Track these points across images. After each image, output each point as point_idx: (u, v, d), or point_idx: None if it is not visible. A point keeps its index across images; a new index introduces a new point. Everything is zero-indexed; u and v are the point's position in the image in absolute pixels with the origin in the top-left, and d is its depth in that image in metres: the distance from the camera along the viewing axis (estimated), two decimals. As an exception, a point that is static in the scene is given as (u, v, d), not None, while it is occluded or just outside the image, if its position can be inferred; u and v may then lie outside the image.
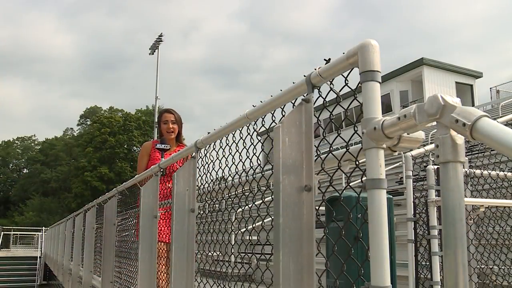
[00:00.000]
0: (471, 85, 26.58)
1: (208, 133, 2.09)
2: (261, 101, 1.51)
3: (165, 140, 3.75)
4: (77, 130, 59.23)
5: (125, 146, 48.61)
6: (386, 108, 25.85)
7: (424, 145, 3.97)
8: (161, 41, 26.60)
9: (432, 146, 3.80)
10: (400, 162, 9.52)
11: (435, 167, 3.57)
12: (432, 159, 4.78)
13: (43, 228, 26.06)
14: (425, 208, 3.76)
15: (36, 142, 62.30)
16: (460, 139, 0.85)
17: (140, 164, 3.98)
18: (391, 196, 3.39)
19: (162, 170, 2.87)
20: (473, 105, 24.60)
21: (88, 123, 55.46)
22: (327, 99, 1.23)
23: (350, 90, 1.12)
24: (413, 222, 3.87)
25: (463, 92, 25.95)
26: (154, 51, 27.17)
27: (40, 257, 22.27)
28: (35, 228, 31.20)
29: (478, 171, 3.89)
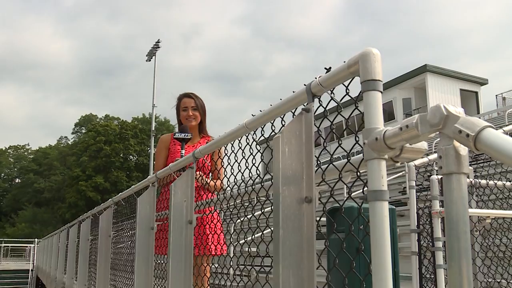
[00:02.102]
0: (476, 92, 26.66)
1: (207, 142, 2.10)
2: (260, 110, 1.52)
3: (186, 128, 3.18)
4: (71, 139, 59.31)
5: (121, 155, 48.62)
6: (389, 116, 25.92)
7: (428, 155, 3.98)
8: (159, 47, 26.73)
9: (436, 155, 3.80)
10: (403, 172, 9.52)
11: (439, 177, 3.58)
12: (436, 168, 4.78)
13: (36, 239, 25.98)
14: (429, 219, 3.76)
15: (29, 151, 62.28)
16: (463, 150, 0.85)
17: (158, 160, 3.52)
18: (394, 207, 3.38)
19: (160, 179, 2.71)
20: (478, 113, 24.68)
21: (83, 131, 55.51)
22: (328, 107, 1.24)
23: (351, 98, 1.13)
24: (416, 234, 3.86)
25: (468, 99, 26.03)
26: (151, 58, 27.30)
27: (32, 270, 22.17)
28: (27, 240, 31.09)
29: (483, 181, 3.89)
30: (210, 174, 3.27)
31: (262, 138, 1.63)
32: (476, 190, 4.08)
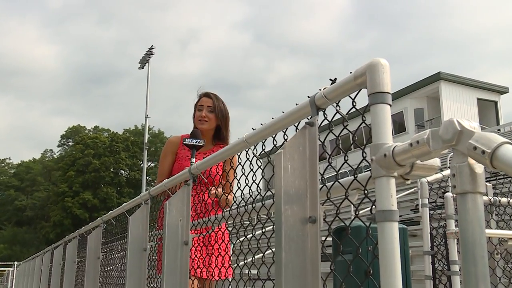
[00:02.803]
0: (495, 102, 26.71)
1: (198, 159, 2.11)
2: (261, 124, 1.54)
3: (198, 133, 2.98)
4: (57, 152, 59.27)
5: (111, 170, 48.59)
6: (399, 127, 25.97)
7: (442, 170, 3.99)
8: (152, 54, 26.91)
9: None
10: (415, 188, 9.52)
11: (455, 194, 3.57)
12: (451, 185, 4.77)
13: (15, 262, 25.82)
14: (444, 240, 3.75)
15: (10, 165, 62.21)
16: (479, 168, 0.86)
17: (163, 166, 3.29)
18: (405, 226, 3.39)
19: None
20: (498, 124, 24.67)
21: (70, 144, 55.54)
22: (333, 118, 1.25)
23: (360, 108, 1.15)
24: (430, 256, 3.85)
25: (486, 109, 26.07)
26: (144, 65, 27.46)
27: (10, 296, 21.98)
28: (5, 263, 30.87)
29: (504, 199, 3.87)
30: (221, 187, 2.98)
31: (263, 152, 1.64)
32: (496, 209, 4.07)
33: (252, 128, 1.60)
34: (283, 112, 1.41)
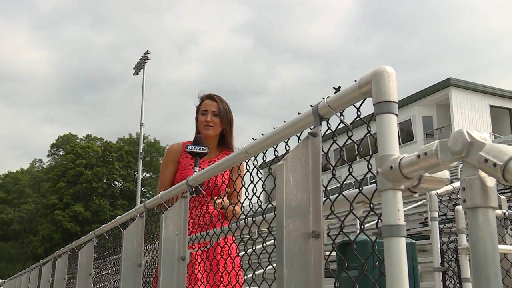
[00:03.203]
0: (510, 109, 26.68)
1: (202, 168, 2.12)
2: (262, 134, 1.55)
3: (201, 140, 2.87)
4: (47, 162, 59.15)
5: (104, 181, 48.56)
6: (407, 136, 25.98)
7: (452, 182, 3.99)
8: (147, 59, 27.00)
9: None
10: (424, 200, 9.51)
11: (465, 209, 3.56)
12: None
13: (0, 280, 25.66)
14: (455, 256, 3.74)
15: (-4, 176, 62.03)
16: (490, 181, 0.86)
17: (164, 176, 3.20)
18: (414, 241, 3.39)
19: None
20: (512, 133, 24.64)
21: (61, 153, 55.51)
22: (337, 126, 1.26)
23: (364, 116, 1.15)
24: (441, 273, 3.84)
25: (500, 117, 26.05)
26: (139, 71, 27.55)
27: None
28: (-11, 281, 30.70)
29: (520, 213, 3.86)
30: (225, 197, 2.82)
31: (264, 162, 1.65)
32: (511, 223, 4.06)
33: (253, 138, 1.61)
34: (284, 121, 1.42)
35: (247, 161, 1.71)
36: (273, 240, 1.33)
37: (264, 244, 1.82)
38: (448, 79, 25.02)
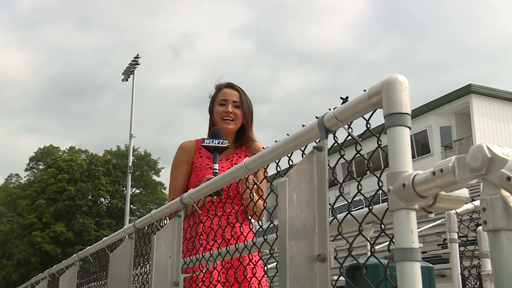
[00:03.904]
0: (538, 119, 26.62)
1: (198, 184, 2.13)
2: (263, 148, 1.56)
3: (219, 132, 2.72)
4: (25, 177, 58.90)
5: (89, 197, 48.44)
6: (423, 148, 25.96)
7: (473, 200, 3.99)
8: (138, 64, 27.11)
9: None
10: (443, 220, 9.49)
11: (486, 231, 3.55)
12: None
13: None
14: (478, 283, 3.73)
15: (-33, 193, 61.77)
16: (514, 201, 0.87)
17: (175, 180, 2.99)
18: (431, 265, 3.39)
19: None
20: (538, 145, 24.56)
21: (41, 167, 55.40)
22: (345, 137, 1.27)
23: (374, 128, 1.17)
24: (461, 300, 3.83)
25: (527, 127, 25.96)
26: (129, 77, 27.65)
27: None
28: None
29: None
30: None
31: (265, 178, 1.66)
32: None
33: (253, 152, 1.63)
34: (287, 134, 1.43)
35: (246, 177, 1.72)
36: (275, 264, 1.33)
37: (266, 268, 1.83)
38: (469, 86, 25.03)
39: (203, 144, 2.67)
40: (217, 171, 2.59)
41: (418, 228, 1.03)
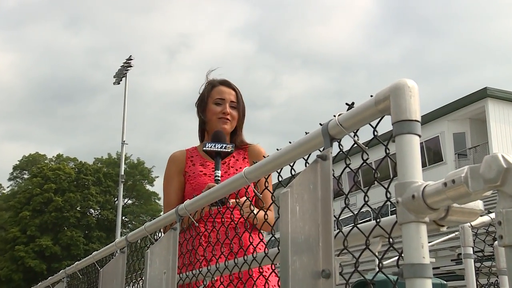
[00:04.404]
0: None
1: (194, 195, 2.13)
2: (264, 156, 1.57)
3: (222, 135, 2.75)
4: (8, 187, 58.79)
5: (78, 209, 48.36)
6: (435, 156, 25.94)
7: (490, 212, 3.99)
8: (130, 66, 27.18)
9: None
10: (457, 233, 9.46)
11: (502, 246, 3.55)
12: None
13: None
14: (496, 302, 3.71)
15: None
16: (532, 215, 0.88)
17: (168, 195, 2.99)
18: (445, 282, 3.39)
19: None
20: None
21: (25, 176, 55.32)
22: (350, 150, 1.27)
23: (382, 134, 1.17)
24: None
25: (547, 134, 25.94)
26: (121, 80, 27.72)
27: None
28: None
29: None
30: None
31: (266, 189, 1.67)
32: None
33: (253, 161, 1.63)
34: (290, 142, 1.44)
35: (246, 187, 1.72)
36: (276, 280, 1.34)
37: (267, 285, 1.83)
38: (484, 89, 25.02)
39: (204, 148, 2.67)
40: (219, 178, 2.59)
41: (430, 242, 1.03)
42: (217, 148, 2.61)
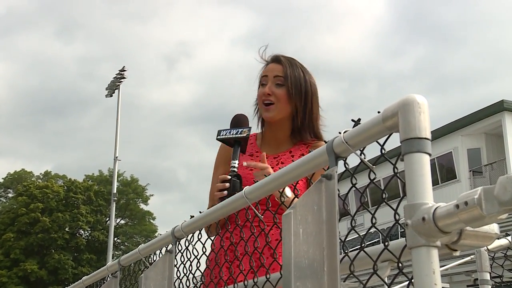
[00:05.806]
0: None
1: (192, 217, 2.13)
2: (265, 175, 1.58)
3: (240, 119, 2.54)
4: (-10, 207, 58.69)
5: (66, 229, 48.22)
6: (447, 173, 25.89)
7: (507, 234, 3.97)
8: (124, 77, 27.25)
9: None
10: (472, 256, 9.42)
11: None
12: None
13: None
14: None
15: None
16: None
17: (212, 185, 2.72)
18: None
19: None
20: None
21: (10, 195, 55.20)
22: (356, 169, 1.28)
23: (389, 151, 1.18)
24: None
25: None
26: (114, 92, 27.78)
27: None
28: None
29: None
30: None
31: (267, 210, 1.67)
32: None
33: (254, 180, 1.64)
34: (293, 160, 1.45)
35: (246, 208, 1.73)
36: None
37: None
38: (501, 102, 25.00)
39: (217, 137, 2.48)
40: (236, 169, 2.39)
41: (444, 266, 1.04)
42: (232, 134, 2.42)
